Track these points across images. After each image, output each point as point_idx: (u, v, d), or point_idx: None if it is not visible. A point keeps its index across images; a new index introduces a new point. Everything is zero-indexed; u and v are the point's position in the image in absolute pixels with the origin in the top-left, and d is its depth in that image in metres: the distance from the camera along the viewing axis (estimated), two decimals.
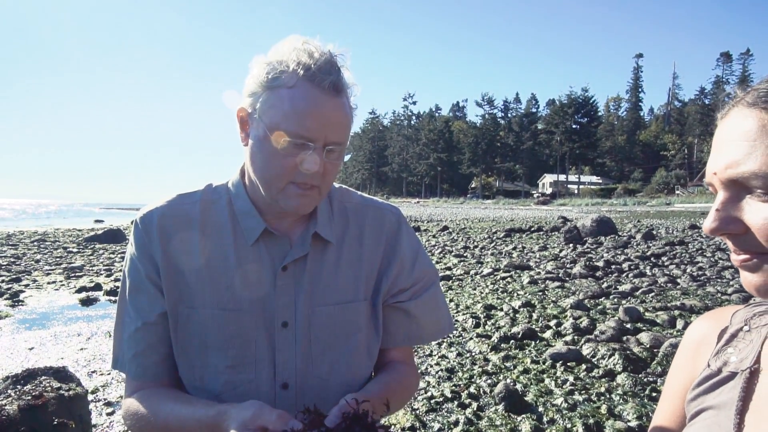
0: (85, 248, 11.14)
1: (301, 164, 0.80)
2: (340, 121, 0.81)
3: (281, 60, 0.80)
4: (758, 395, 0.57)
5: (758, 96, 0.52)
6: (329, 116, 0.79)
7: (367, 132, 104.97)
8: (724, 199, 0.54)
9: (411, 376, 1.00)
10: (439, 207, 51.31)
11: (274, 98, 0.79)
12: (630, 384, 2.91)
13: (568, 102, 70.89)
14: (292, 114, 0.78)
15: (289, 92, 0.78)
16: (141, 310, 0.89)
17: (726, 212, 0.54)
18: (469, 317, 4.46)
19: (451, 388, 2.94)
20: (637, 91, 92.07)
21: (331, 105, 0.79)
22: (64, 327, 4.63)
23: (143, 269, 0.89)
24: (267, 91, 0.80)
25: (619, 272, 6.96)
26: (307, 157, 0.79)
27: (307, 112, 0.78)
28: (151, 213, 0.91)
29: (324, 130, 0.79)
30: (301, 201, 0.84)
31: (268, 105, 0.80)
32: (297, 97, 0.78)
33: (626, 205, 42.93)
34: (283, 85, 0.78)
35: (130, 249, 0.91)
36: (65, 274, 7.46)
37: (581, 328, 3.99)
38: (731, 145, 0.53)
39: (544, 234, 13.70)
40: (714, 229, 0.54)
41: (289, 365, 0.90)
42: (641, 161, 76.72)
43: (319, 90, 0.78)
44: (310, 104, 0.78)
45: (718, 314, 0.71)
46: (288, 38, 0.83)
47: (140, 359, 0.90)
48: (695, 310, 4.58)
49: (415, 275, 0.99)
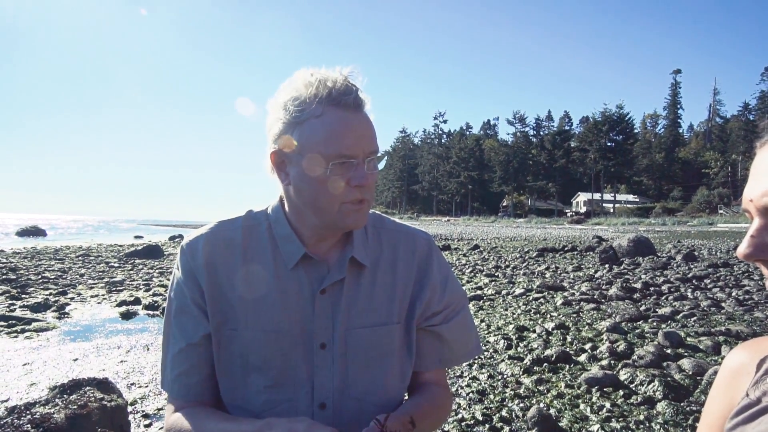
0: (126, 263, 11.57)
1: (350, 182, 0.85)
2: (370, 132, 0.87)
3: (298, 96, 0.85)
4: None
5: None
6: (360, 130, 0.85)
7: (397, 150, 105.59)
8: (759, 226, 0.54)
9: (444, 397, 1.02)
10: (470, 225, 50.82)
11: (308, 131, 0.84)
12: (671, 413, 2.79)
13: (603, 119, 69.43)
14: (330, 138, 0.83)
15: (320, 120, 0.83)
16: (185, 332, 0.93)
17: (761, 239, 0.54)
18: (500, 338, 4.39)
19: (483, 411, 2.89)
20: (676, 107, 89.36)
21: (358, 119, 0.85)
22: (106, 339, 4.81)
23: (188, 293, 0.93)
24: (298, 128, 0.85)
25: (658, 294, 6.71)
26: (354, 174, 0.84)
27: (342, 132, 0.83)
28: (196, 240, 0.96)
29: (360, 144, 0.85)
30: (358, 216, 0.89)
31: (305, 138, 0.84)
32: (328, 122, 0.83)
33: (665, 225, 41.41)
34: (311, 117, 0.83)
35: (177, 273, 0.96)
36: (107, 288, 7.77)
37: (618, 353, 3.86)
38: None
39: (578, 254, 13.35)
40: (748, 255, 0.55)
41: (326, 386, 0.93)
42: (681, 179, 74.05)
43: (344, 110, 0.84)
44: (342, 125, 0.83)
45: (757, 343, 0.70)
46: (295, 75, 0.88)
47: (183, 379, 0.93)
48: (742, 336, 4.36)
49: (446, 299, 1.02)
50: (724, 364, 0.73)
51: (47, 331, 5.02)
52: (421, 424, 0.90)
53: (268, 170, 0.93)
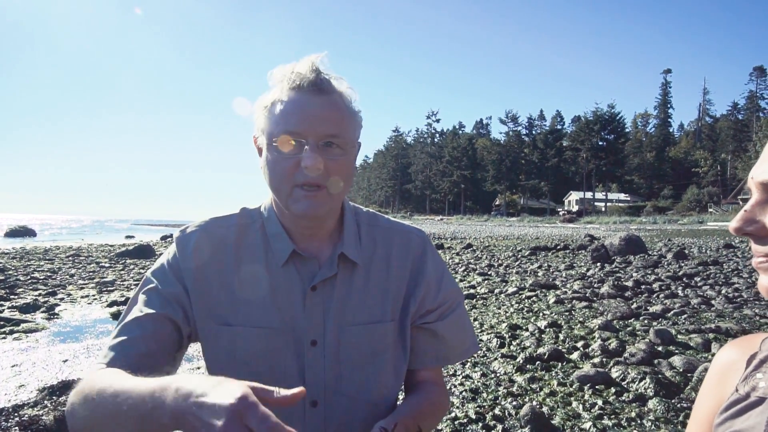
0: (117, 263, 11.47)
1: (301, 162, 0.84)
2: (328, 114, 0.85)
3: (273, 85, 0.89)
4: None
5: None
6: (315, 112, 0.85)
7: (390, 150, 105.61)
8: (754, 202, 0.56)
9: (441, 395, 1.02)
10: (463, 224, 50.96)
11: (270, 114, 0.87)
12: (662, 409, 2.81)
13: (594, 119, 69.93)
14: (281, 117, 0.85)
15: (280, 104, 0.86)
16: (151, 305, 0.88)
17: (752, 214, 0.56)
18: (493, 337, 4.40)
19: (476, 410, 2.90)
20: (666, 107, 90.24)
21: (315, 102, 0.85)
22: (96, 340, 4.76)
23: (172, 280, 0.92)
24: (265, 112, 0.89)
25: (649, 292, 6.76)
26: (303, 156, 0.84)
27: (292, 111, 0.85)
28: (189, 234, 0.96)
29: (312, 125, 0.84)
30: (309, 202, 0.86)
31: (267, 122, 0.88)
32: (285, 104, 0.85)
33: (656, 223, 41.78)
34: (276, 102, 0.87)
35: (162, 260, 0.96)
36: (98, 288, 7.70)
37: (610, 350, 3.88)
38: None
39: (570, 252, 13.43)
40: (737, 228, 0.57)
41: (318, 383, 0.92)
42: (671, 178, 74.77)
43: (301, 92, 0.85)
44: (294, 105, 0.85)
45: (747, 340, 0.71)
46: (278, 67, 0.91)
47: (124, 346, 0.83)
48: (731, 333, 4.41)
49: (441, 296, 1.02)
50: (714, 360, 0.74)
51: (36, 332, 4.96)
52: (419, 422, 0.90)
53: None
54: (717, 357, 0.73)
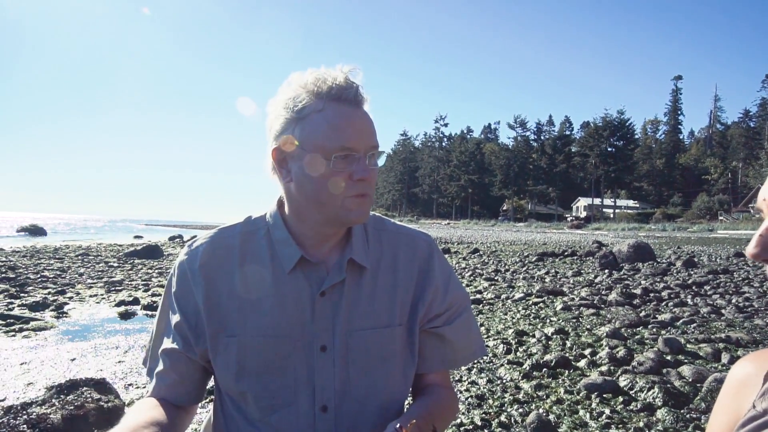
0: (125, 263, 11.56)
1: (353, 176, 0.85)
2: (370, 127, 0.89)
3: (298, 93, 0.86)
4: None
5: None
6: (361, 125, 0.86)
7: (398, 153, 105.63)
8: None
9: (450, 398, 1.02)
10: (470, 229, 50.81)
11: (310, 126, 0.85)
12: (671, 420, 2.78)
13: (603, 124, 69.58)
14: (332, 132, 0.84)
15: (321, 115, 0.84)
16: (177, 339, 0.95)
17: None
18: (500, 343, 4.37)
19: (481, 416, 2.88)
20: (677, 113, 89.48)
21: (359, 114, 0.87)
22: (104, 339, 4.79)
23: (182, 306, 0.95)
24: (300, 124, 0.86)
25: (658, 300, 6.69)
26: (356, 168, 0.85)
27: (343, 125, 0.84)
28: (196, 249, 0.97)
29: (362, 138, 0.86)
30: (361, 209, 0.88)
31: (306, 133, 0.85)
32: (330, 116, 0.84)
33: (665, 231, 41.40)
34: (312, 112, 0.85)
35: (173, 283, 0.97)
36: (106, 287, 7.76)
37: (618, 359, 3.84)
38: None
39: (578, 259, 13.34)
40: (756, 255, 0.54)
41: (328, 388, 0.92)
42: (681, 185, 74.13)
43: (346, 105, 0.85)
44: (343, 118, 0.84)
45: (764, 355, 0.69)
46: (294, 75, 0.89)
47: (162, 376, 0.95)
48: (742, 343, 4.35)
49: (448, 300, 1.02)
50: (730, 374, 0.72)
51: (45, 331, 5.01)
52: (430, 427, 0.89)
53: (269, 170, 0.93)
54: (733, 371, 0.72)
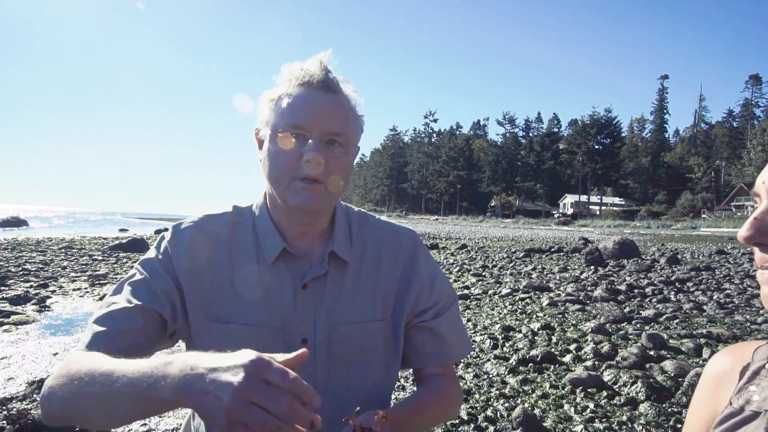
0: (110, 256, 11.40)
1: (303, 156, 0.85)
2: (334, 112, 0.87)
3: (281, 81, 0.90)
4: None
5: None
6: (322, 107, 0.86)
7: (387, 148, 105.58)
8: (764, 209, 0.53)
9: (450, 387, 1.02)
10: (458, 225, 51.02)
11: (276, 107, 0.88)
12: (653, 414, 2.82)
13: (591, 122, 70.23)
14: (287, 111, 0.86)
15: (287, 98, 0.87)
16: (139, 296, 0.87)
17: (764, 222, 0.53)
18: (486, 338, 4.40)
19: (468, 411, 2.90)
20: (662, 112, 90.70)
21: (323, 98, 0.87)
22: None
23: (162, 273, 0.91)
24: (271, 104, 0.90)
25: (642, 297, 6.80)
26: (306, 150, 0.85)
27: (299, 105, 0.86)
28: (183, 230, 0.96)
29: (317, 120, 0.85)
30: (306, 195, 0.86)
31: (272, 114, 0.89)
32: (292, 98, 0.86)
33: (650, 228, 42.02)
34: (284, 96, 0.88)
35: (153, 253, 0.94)
36: (90, 281, 7.64)
37: (602, 354, 3.89)
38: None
39: (564, 255, 13.47)
40: (748, 237, 0.54)
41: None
42: (666, 183, 75.23)
43: (311, 88, 0.87)
44: (302, 99, 0.86)
45: (739, 349, 0.69)
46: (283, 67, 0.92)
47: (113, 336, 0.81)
48: (722, 338, 4.43)
49: (434, 296, 1.03)
50: (706, 370, 0.72)
51: (27, 325, 4.92)
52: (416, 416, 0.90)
53: None
54: (709, 366, 0.72)
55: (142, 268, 0.92)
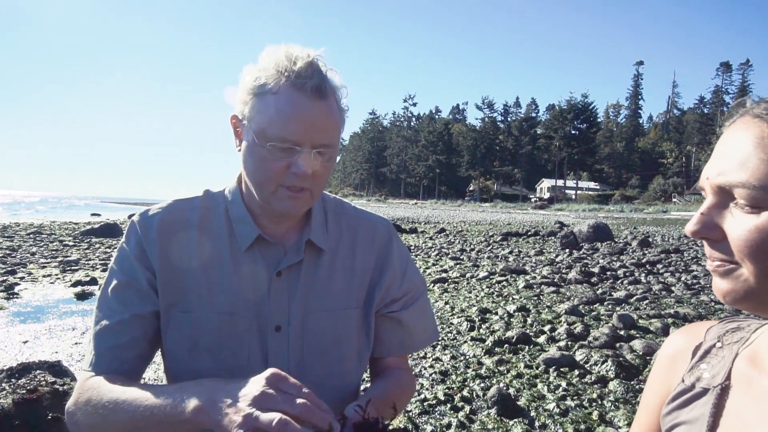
0: (81, 242, 11.11)
1: (291, 168, 0.82)
2: (325, 124, 0.83)
3: (265, 68, 0.83)
4: (728, 411, 0.59)
5: (765, 108, 0.52)
6: (314, 120, 0.82)
7: (366, 132, 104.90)
8: (710, 205, 0.55)
9: (407, 380, 1.03)
10: (437, 209, 51.34)
11: (261, 104, 0.82)
12: (622, 391, 2.93)
13: (568, 107, 71.10)
14: (277, 119, 0.80)
15: (274, 98, 0.81)
16: (129, 304, 0.87)
17: (709, 217, 0.55)
18: (464, 320, 4.48)
19: (445, 391, 2.95)
20: (637, 98, 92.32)
21: (315, 108, 0.82)
22: (59, 321, 4.62)
23: (139, 268, 0.89)
24: (254, 98, 0.83)
25: (614, 279, 6.99)
26: (295, 161, 0.82)
27: (291, 116, 0.80)
28: (151, 217, 0.92)
29: (309, 133, 0.82)
30: (292, 203, 0.86)
31: (255, 111, 0.83)
32: (281, 102, 0.81)
33: (623, 212, 43.07)
34: (268, 92, 0.82)
35: (125, 247, 0.92)
36: (61, 267, 7.45)
37: (575, 334, 4.01)
38: (728, 152, 0.53)
39: (540, 238, 13.73)
40: (695, 232, 0.55)
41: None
42: (639, 168, 76.94)
43: (302, 94, 0.81)
44: (293, 109, 0.80)
45: (693, 329, 0.72)
46: (270, 47, 0.85)
47: (119, 352, 0.85)
48: (689, 318, 4.61)
49: (405, 286, 1.03)
50: (662, 349, 0.75)
51: None
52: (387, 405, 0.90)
53: None
54: (664, 346, 0.75)
55: (120, 270, 0.90)
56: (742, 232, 0.51)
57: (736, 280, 0.53)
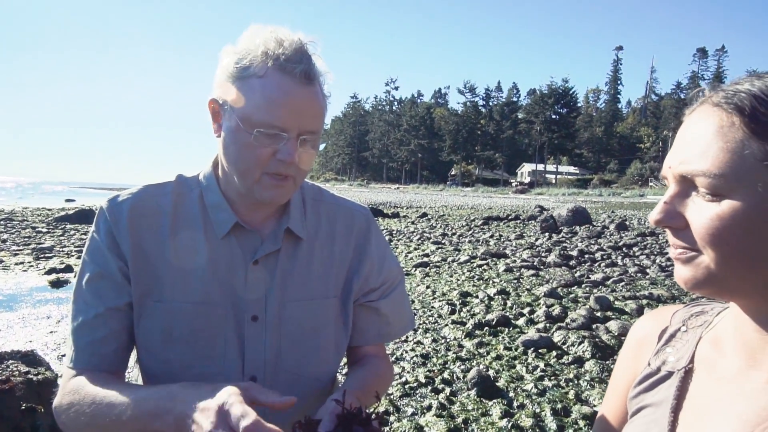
0: (55, 228, 10.83)
1: (276, 155, 0.80)
2: (313, 110, 0.81)
3: (249, 49, 0.79)
4: (691, 394, 0.60)
5: (723, 97, 0.52)
6: (302, 106, 0.79)
7: (348, 116, 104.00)
8: (673, 193, 0.56)
9: (385, 368, 1.03)
10: (419, 193, 51.47)
11: (246, 88, 0.79)
12: (597, 370, 3.01)
13: (549, 92, 71.55)
14: (264, 104, 0.77)
15: (260, 82, 0.78)
16: (105, 297, 0.86)
17: (672, 206, 0.55)
18: (445, 304, 4.53)
19: (425, 374, 2.99)
20: (616, 83, 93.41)
21: (303, 94, 0.79)
22: (33, 309, 4.52)
23: (111, 258, 0.86)
24: (237, 81, 0.80)
25: (592, 261, 7.14)
26: (281, 148, 0.79)
27: (279, 102, 0.77)
28: (120, 204, 0.89)
29: (297, 120, 0.79)
30: (276, 191, 0.84)
31: (239, 96, 0.79)
32: (268, 87, 0.77)
33: (601, 196, 43.85)
34: (253, 75, 0.78)
35: (95, 236, 0.88)
36: (34, 254, 7.26)
37: (553, 316, 4.09)
38: (689, 141, 0.54)
39: (521, 223, 13.90)
40: (658, 221, 0.56)
41: (257, 358, 0.90)
42: (617, 153, 78.20)
43: (290, 79, 0.78)
44: (281, 94, 0.77)
45: (660, 314, 0.74)
46: (253, 27, 0.81)
47: (98, 347, 0.84)
48: (662, 299, 4.74)
49: (383, 275, 1.02)
50: (630, 333, 0.77)
51: None
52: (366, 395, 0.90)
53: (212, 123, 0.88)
54: (632, 329, 0.77)
55: (92, 261, 0.87)
56: (704, 220, 0.51)
57: (697, 267, 0.54)
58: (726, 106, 0.51)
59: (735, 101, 0.50)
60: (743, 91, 0.50)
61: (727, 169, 0.49)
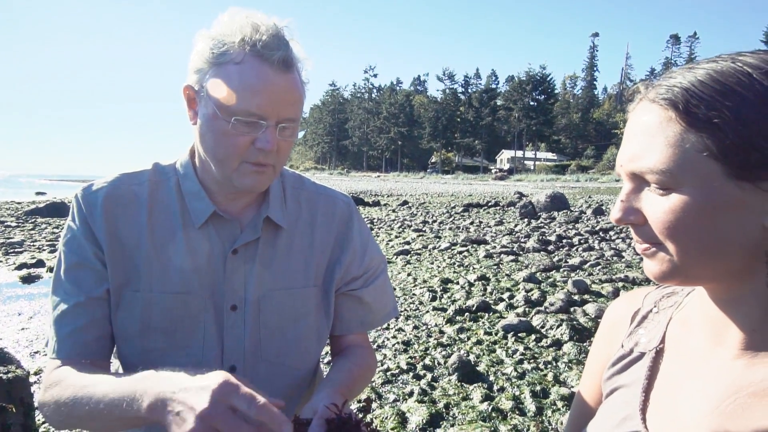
0: (25, 222, 10.50)
1: (255, 143, 0.78)
2: (291, 97, 0.80)
3: (225, 34, 0.77)
4: (662, 373, 0.62)
5: (658, 93, 0.53)
6: (280, 93, 0.78)
7: (327, 104, 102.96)
8: (628, 191, 0.56)
9: (369, 357, 1.03)
10: (400, 181, 51.51)
11: (222, 75, 0.77)
12: (575, 352, 3.07)
13: (527, 79, 72.04)
14: (241, 91, 0.76)
15: (237, 68, 0.76)
16: (84, 286, 0.84)
17: (629, 203, 0.56)
18: (426, 291, 4.55)
19: (407, 360, 3.01)
20: (593, 69, 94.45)
21: (281, 81, 0.77)
22: (3, 306, 4.38)
23: (88, 247, 0.84)
24: (214, 68, 0.78)
25: (569, 246, 7.26)
26: (260, 136, 0.78)
27: (257, 89, 0.76)
28: (95, 193, 0.86)
29: (276, 107, 0.78)
30: (256, 179, 0.83)
31: (216, 82, 0.77)
32: (246, 73, 0.76)
33: (579, 182, 44.57)
34: (230, 61, 0.76)
35: (72, 225, 0.86)
36: (3, 250, 7.03)
37: (532, 301, 4.15)
38: (634, 139, 0.55)
39: (500, 209, 14.04)
40: (618, 219, 0.57)
41: (237, 348, 0.89)
42: (594, 139, 79.43)
43: (268, 66, 0.76)
44: (260, 81, 0.76)
45: (633, 296, 0.75)
46: (230, 11, 0.79)
47: (79, 335, 0.83)
48: (637, 282, 4.86)
49: (366, 263, 1.01)
50: (604, 317, 0.78)
51: None
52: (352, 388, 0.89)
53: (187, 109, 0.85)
54: (607, 312, 0.78)
55: (69, 251, 0.86)
56: (659, 215, 0.52)
57: (662, 261, 0.54)
58: (662, 102, 0.52)
59: (669, 96, 0.51)
60: (676, 86, 0.51)
61: (671, 164, 0.50)
